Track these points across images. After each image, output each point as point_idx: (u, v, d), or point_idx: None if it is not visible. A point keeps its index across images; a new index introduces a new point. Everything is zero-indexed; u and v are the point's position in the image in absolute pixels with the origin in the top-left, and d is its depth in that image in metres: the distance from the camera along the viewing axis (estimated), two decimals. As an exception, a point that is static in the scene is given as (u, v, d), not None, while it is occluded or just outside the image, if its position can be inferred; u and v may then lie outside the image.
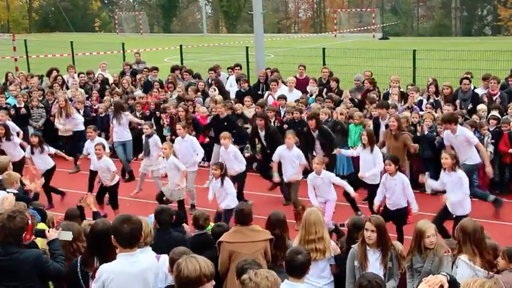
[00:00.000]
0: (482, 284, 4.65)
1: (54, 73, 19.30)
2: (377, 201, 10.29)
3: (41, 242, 6.63)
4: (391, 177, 10.06)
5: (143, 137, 13.36)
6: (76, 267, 6.18)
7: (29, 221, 5.88)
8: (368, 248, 6.81)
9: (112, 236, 5.45)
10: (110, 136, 15.28)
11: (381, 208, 10.28)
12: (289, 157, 11.62)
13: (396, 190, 10.01)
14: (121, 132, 14.60)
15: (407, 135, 11.92)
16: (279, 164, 11.84)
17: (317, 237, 7.13)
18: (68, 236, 6.22)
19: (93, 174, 12.69)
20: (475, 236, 6.41)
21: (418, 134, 12.82)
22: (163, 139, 14.64)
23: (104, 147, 12.09)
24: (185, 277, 4.68)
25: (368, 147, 11.18)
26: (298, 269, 5.42)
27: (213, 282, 4.89)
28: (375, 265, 6.74)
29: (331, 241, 7.41)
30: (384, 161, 10.65)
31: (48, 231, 6.22)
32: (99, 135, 14.43)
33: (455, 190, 9.59)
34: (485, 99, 14.24)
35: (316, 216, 7.25)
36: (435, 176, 11.16)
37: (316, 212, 7.38)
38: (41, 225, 6.42)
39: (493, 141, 12.46)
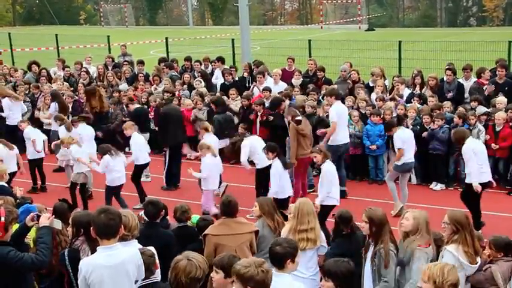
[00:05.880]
0: (442, 268, 4.94)
1: (34, 67, 19.11)
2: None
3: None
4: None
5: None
6: (64, 260, 6.18)
7: (1, 218, 5.86)
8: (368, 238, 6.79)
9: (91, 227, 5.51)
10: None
11: None
12: None
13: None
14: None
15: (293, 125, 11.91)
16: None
17: (309, 227, 7.22)
18: (58, 224, 6.23)
19: None
20: (468, 225, 6.44)
21: (411, 127, 12.72)
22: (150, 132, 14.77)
23: None
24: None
25: None
26: (276, 259, 5.45)
27: None
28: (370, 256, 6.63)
29: (321, 231, 7.49)
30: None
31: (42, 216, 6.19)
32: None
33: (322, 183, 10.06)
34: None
35: (309, 207, 7.36)
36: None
37: (308, 203, 7.47)
38: (16, 226, 6.33)
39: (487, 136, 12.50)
